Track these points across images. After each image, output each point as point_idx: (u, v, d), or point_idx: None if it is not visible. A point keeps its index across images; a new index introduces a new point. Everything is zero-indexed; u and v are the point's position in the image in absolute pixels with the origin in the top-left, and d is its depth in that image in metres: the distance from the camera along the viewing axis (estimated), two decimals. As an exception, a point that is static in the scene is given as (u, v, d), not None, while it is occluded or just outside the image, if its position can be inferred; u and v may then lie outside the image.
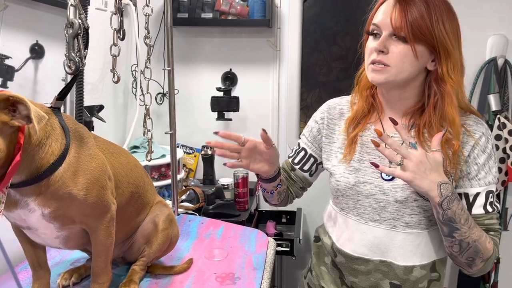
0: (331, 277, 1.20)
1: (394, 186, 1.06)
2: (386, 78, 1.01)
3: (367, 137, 1.12)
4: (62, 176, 0.83)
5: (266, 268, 1.24)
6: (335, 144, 1.17)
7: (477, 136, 1.04)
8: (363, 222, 1.10)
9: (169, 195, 1.98)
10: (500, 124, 2.07)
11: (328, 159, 1.18)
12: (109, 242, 0.97)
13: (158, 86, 2.31)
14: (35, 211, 0.84)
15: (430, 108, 1.03)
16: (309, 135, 1.24)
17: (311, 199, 2.45)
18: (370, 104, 1.14)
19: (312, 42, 2.44)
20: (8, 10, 1.25)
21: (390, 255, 1.08)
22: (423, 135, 1.05)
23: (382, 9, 1.03)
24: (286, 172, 1.27)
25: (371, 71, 1.03)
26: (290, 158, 1.27)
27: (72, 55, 0.91)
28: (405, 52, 0.98)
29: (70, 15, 0.91)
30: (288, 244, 2.00)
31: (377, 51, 1.00)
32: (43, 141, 0.81)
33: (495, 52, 2.16)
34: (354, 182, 1.09)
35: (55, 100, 0.89)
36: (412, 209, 1.05)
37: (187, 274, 1.17)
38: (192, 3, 2.29)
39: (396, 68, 0.99)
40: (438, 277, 1.12)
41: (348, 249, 1.12)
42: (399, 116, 1.10)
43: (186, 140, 2.43)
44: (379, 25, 1.01)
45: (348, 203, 1.12)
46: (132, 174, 1.07)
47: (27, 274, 1.11)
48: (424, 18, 0.96)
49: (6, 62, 1.26)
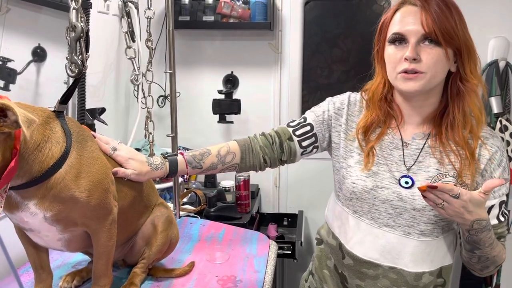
0: (334, 280, 1.20)
1: (412, 193, 1.04)
2: (421, 85, 1.00)
3: (385, 142, 1.10)
4: (63, 178, 0.83)
5: (268, 271, 1.24)
6: (353, 142, 1.13)
7: (493, 150, 1.04)
8: (376, 227, 1.08)
9: (170, 197, 1.98)
10: (501, 126, 2.06)
11: (345, 157, 1.13)
12: (111, 245, 0.97)
13: (160, 89, 2.32)
14: (37, 214, 0.84)
15: (454, 108, 1.04)
16: (320, 115, 1.18)
17: (312, 202, 2.46)
18: (386, 113, 1.11)
19: (313, 44, 2.45)
20: (10, 13, 1.25)
21: (401, 262, 1.07)
22: (446, 138, 1.05)
23: (401, 17, 1.02)
24: (279, 138, 1.18)
25: (403, 80, 1.01)
26: (291, 128, 1.18)
27: (74, 58, 0.91)
28: (438, 55, 0.98)
29: (72, 18, 0.91)
30: (289, 247, 2.00)
31: (411, 59, 0.98)
32: (42, 144, 0.81)
33: (497, 54, 2.15)
34: (371, 186, 1.07)
35: (58, 104, 0.89)
36: (428, 217, 1.04)
37: (189, 277, 1.17)
38: (193, 6, 2.30)
39: (431, 74, 0.99)
40: (443, 282, 1.11)
41: (359, 252, 1.10)
42: (419, 123, 1.09)
43: (187, 143, 2.42)
44: (403, 33, 1.00)
45: (362, 206, 1.09)
46: None
47: (29, 276, 1.11)
48: (450, 21, 0.98)
49: (8, 65, 1.26)
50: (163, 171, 1.09)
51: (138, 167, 1.04)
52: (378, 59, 1.10)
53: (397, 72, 1.01)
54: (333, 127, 1.17)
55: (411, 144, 1.08)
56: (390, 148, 1.10)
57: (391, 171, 1.07)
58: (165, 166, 1.10)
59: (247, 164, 1.17)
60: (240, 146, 1.17)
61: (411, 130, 1.10)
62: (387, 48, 1.04)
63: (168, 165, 1.10)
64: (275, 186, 2.49)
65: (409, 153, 1.08)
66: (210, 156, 1.14)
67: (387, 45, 1.04)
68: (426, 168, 1.05)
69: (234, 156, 1.16)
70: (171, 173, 1.11)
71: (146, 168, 1.06)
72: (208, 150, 1.15)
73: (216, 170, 1.16)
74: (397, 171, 1.07)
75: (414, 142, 1.08)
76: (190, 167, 1.12)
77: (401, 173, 1.06)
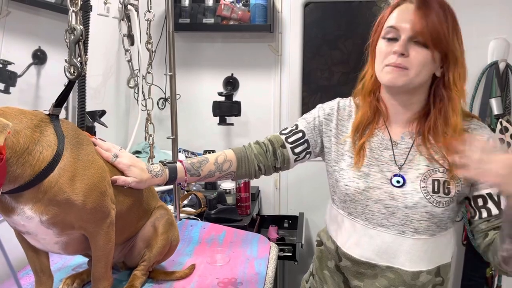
0: (334, 281, 1.20)
1: (403, 192, 1.06)
2: (404, 81, 1.01)
3: (375, 143, 1.12)
4: (57, 182, 0.83)
5: (268, 273, 1.24)
6: (344, 146, 1.15)
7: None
8: (371, 227, 1.09)
9: (171, 200, 1.98)
10: (502, 128, 2.06)
11: (336, 160, 1.16)
12: (109, 247, 0.97)
13: (160, 91, 2.32)
14: (33, 217, 0.83)
15: (436, 112, 1.05)
16: (311, 122, 1.20)
17: (313, 204, 2.46)
18: (375, 109, 1.13)
19: (314, 46, 2.45)
20: (10, 16, 1.26)
21: (398, 261, 1.08)
22: (429, 140, 1.06)
23: (399, 12, 1.03)
24: (272, 145, 1.20)
25: (388, 72, 1.03)
26: (284, 135, 1.21)
27: (73, 61, 0.91)
28: (425, 57, 1.00)
29: (71, 20, 0.91)
30: (290, 249, 1.99)
31: (398, 53, 1.00)
32: (32, 148, 0.80)
33: (497, 56, 2.16)
34: (364, 187, 1.09)
35: (53, 107, 0.89)
36: (421, 215, 1.05)
37: (189, 280, 1.17)
38: (193, 9, 2.31)
39: (415, 72, 1.00)
40: (442, 281, 1.11)
41: (355, 253, 1.11)
42: (406, 122, 1.10)
43: (187, 145, 2.43)
44: (397, 28, 1.01)
45: (356, 207, 1.11)
46: None
47: (29, 279, 1.11)
48: (443, 26, 0.99)
49: (9, 68, 1.27)
50: (162, 178, 1.10)
51: (139, 175, 1.05)
52: (371, 51, 1.12)
53: (384, 64, 1.03)
54: (324, 132, 1.19)
55: (400, 143, 1.10)
56: (380, 149, 1.11)
57: (383, 172, 1.09)
58: (165, 173, 1.10)
59: (243, 172, 1.19)
60: (236, 154, 1.19)
61: (399, 130, 1.11)
62: (380, 42, 1.06)
63: (168, 172, 1.11)
64: (275, 188, 2.49)
65: (399, 152, 1.09)
66: (208, 163, 1.16)
67: (380, 40, 1.06)
68: (417, 166, 1.07)
69: (231, 164, 1.18)
70: (170, 180, 1.12)
71: (146, 176, 1.07)
72: (206, 158, 1.17)
73: (213, 177, 1.18)
74: (388, 171, 1.08)
75: (403, 141, 1.10)
76: (189, 174, 1.14)
77: (392, 173, 1.08)
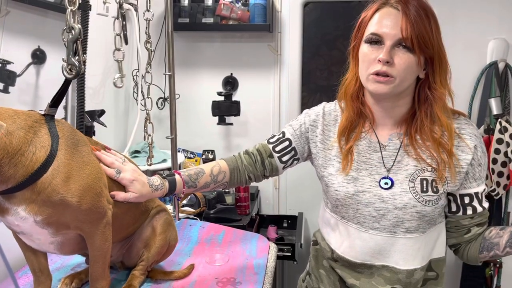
0: (330, 280, 1.20)
1: (392, 193, 1.07)
2: (390, 89, 1.01)
3: (362, 146, 1.13)
4: (51, 182, 0.82)
5: (267, 273, 1.24)
6: (331, 151, 1.16)
7: (472, 145, 1.05)
8: (363, 230, 1.10)
9: (170, 199, 1.98)
10: (501, 128, 2.06)
11: (324, 166, 1.16)
12: (106, 247, 0.96)
13: (159, 91, 2.32)
14: (27, 218, 0.83)
15: (421, 113, 1.06)
16: (297, 129, 1.21)
17: (312, 204, 2.46)
18: (358, 113, 1.13)
19: (313, 46, 2.45)
20: (10, 15, 1.26)
21: (392, 260, 1.09)
22: (416, 140, 1.07)
23: (380, 18, 1.02)
24: (260, 156, 1.21)
25: (373, 82, 1.02)
26: (271, 144, 1.22)
27: (72, 60, 0.91)
28: (409, 62, 1.00)
29: (69, 20, 0.91)
30: (289, 249, 1.99)
31: (384, 62, 0.99)
32: (24, 148, 0.80)
33: (496, 56, 2.16)
34: (353, 191, 1.09)
35: (48, 107, 0.88)
36: (411, 215, 1.06)
37: (188, 279, 1.17)
38: (193, 8, 2.30)
39: (400, 79, 1.01)
40: (436, 276, 1.12)
41: (350, 256, 1.13)
42: (393, 124, 1.11)
43: (187, 145, 2.43)
44: (382, 35, 1.01)
45: (348, 212, 1.12)
46: None
47: (28, 279, 1.11)
48: (427, 29, 0.99)
49: (8, 67, 1.26)
50: (162, 191, 1.10)
51: (139, 190, 1.04)
52: (353, 56, 1.12)
53: (369, 72, 1.03)
54: (311, 138, 1.20)
55: (388, 145, 1.11)
56: (369, 152, 1.12)
57: (371, 175, 1.09)
58: (165, 186, 1.10)
59: (235, 182, 1.21)
60: (229, 165, 1.20)
61: (386, 132, 1.12)
62: (362, 47, 1.06)
63: (168, 185, 1.11)
64: (274, 188, 2.49)
65: (388, 154, 1.10)
66: (204, 175, 1.16)
67: (363, 44, 1.06)
68: (405, 166, 1.08)
69: (225, 175, 1.19)
70: (169, 192, 1.12)
71: (146, 190, 1.06)
72: (202, 169, 1.17)
73: (208, 188, 1.19)
74: (377, 173, 1.09)
75: (391, 143, 1.11)
76: (187, 186, 1.14)
77: (381, 175, 1.08)
